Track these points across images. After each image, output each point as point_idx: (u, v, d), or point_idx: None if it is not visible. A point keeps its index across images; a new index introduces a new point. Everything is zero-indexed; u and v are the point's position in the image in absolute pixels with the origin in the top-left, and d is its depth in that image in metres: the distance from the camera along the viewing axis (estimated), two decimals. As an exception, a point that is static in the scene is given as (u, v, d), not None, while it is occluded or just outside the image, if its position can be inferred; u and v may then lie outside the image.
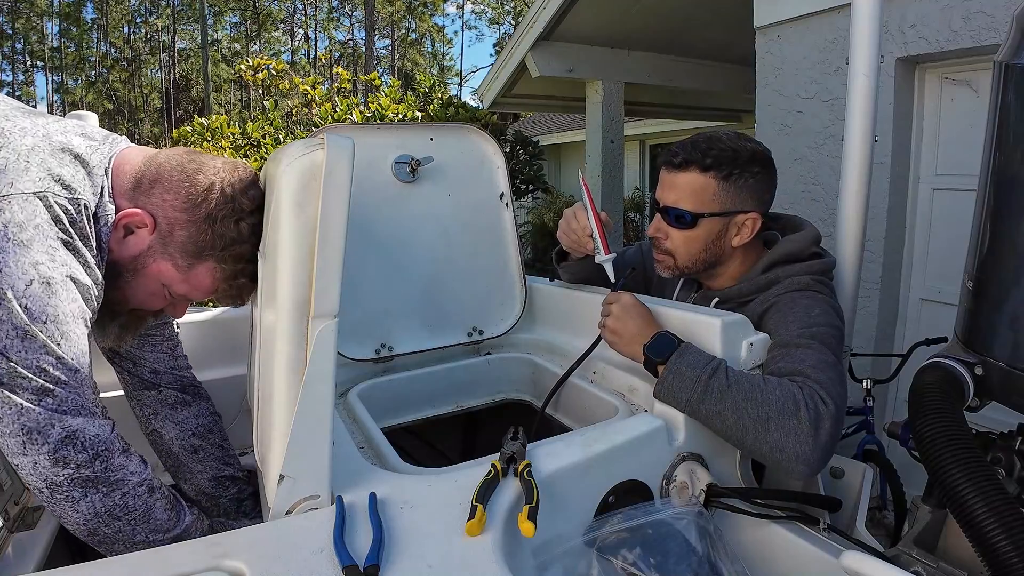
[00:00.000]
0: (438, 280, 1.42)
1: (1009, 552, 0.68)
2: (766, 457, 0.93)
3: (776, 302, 1.13)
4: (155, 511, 0.85)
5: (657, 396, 1.02)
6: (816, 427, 0.90)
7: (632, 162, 10.68)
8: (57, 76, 27.19)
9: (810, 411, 0.90)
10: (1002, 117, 0.87)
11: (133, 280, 0.92)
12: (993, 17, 2.09)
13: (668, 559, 0.82)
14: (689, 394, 0.96)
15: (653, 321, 1.11)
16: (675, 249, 1.23)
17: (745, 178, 1.17)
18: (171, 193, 0.89)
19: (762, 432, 0.91)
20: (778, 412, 0.91)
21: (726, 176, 1.16)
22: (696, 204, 1.18)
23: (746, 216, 1.19)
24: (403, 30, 30.56)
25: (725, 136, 1.19)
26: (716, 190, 1.17)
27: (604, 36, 4.87)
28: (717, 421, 0.95)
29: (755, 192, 1.19)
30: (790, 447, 0.90)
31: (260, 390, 0.88)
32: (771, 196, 1.24)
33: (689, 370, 0.97)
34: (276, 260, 0.77)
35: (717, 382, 0.95)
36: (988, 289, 0.91)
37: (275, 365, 0.78)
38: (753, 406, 0.92)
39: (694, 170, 1.17)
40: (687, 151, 1.18)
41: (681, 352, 1.01)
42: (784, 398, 0.92)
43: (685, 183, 1.18)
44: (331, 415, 0.78)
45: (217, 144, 4.20)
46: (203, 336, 1.35)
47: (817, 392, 0.93)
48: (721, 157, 1.16)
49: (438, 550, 0.71)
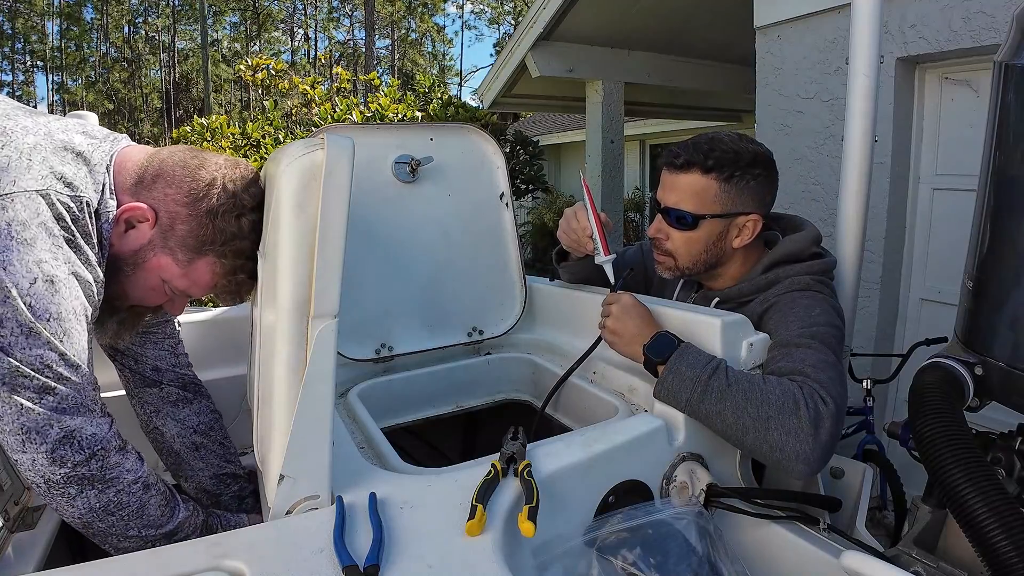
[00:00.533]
0: (438, 280, 1.42)
1: (1009, 552, 0.68)
2: (766, 456, 0.93)
3: (776, 302, 1.13)
4: (149, 507, 0.86)
5: (657, 396, 1.02)
6: (816, 426, 0.90)
7: (632, 162, 10.68)
8: (57, 76, 27.19)
9: (810, 410, 0.90)
10: (1002, 117, 0.87)
11: (133, 275, 0.92)
12: (993, 17, 2.09)
13: (668, 559, 0.82)
14: (689, 394, 0.96)
15: (653, 321, 1.11)
16: (676, 250, 1.23)
17: (747, 180, 1.17)
18: (173, 187, 0.90)
19: (762, 431, 0.91)
20: (778, 411, 0.91)
21: (728, 177, 1.16)
22: (697, 205, 1.18)
23: (747, 218, 1.19)
24: (403, 30, 30.56)
25: (727, 137, 1.19)
26: (717, 191, 1.17)
27: (604, 36, 4.87)
28: (717, 421, 0.95)
29: (756, 194, 1.19)
30: (790, 446, 0.90)
31: (260, 390, 0.89)
32: (772, 198, 1.24)
33: (689, 370, 0.97)
34: (276, 260, 0.77)
35: (717, 382, 0.95)
36: (988, 289, 0.91)
37: (275, 365, 0.78)
38: (753, 406, 0.92)
39: (696, 171, 1.17)
40: (689, 152, 1.17)
41: (681, 352, 1.01)
42: (784, 397, 0.92)
43: (687, 184, 1.18)
44: (331, 415, 0.78)
45: (217, 144, 4.20)
46: (203, 336, 1.35)
47: (817, 391, 0.93)
48: (723, 159, 1.16)
49: (438, 550, 0.71)
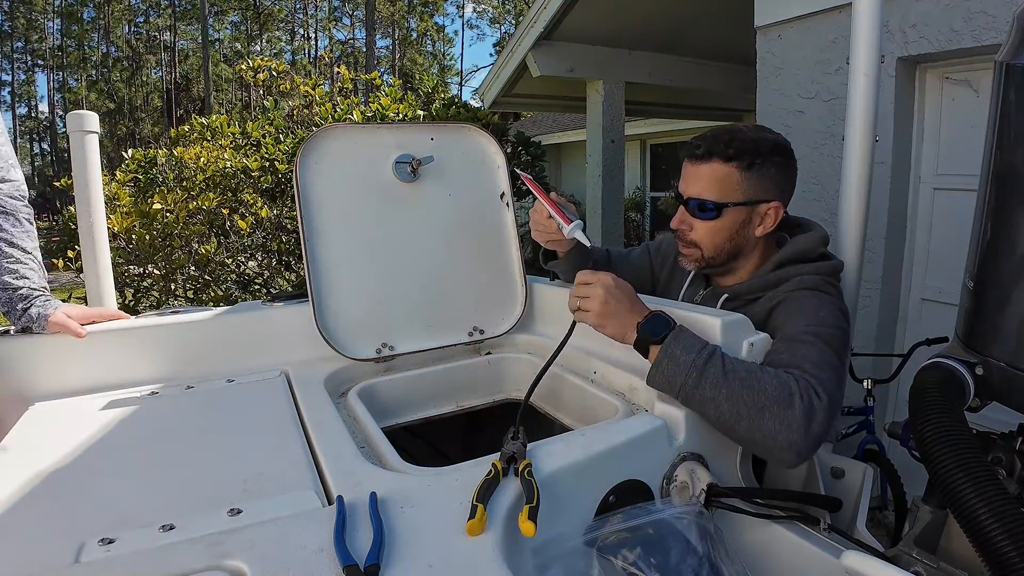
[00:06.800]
0: (439, 280, 1.42)
1: (1010, 553, 0.68)
2: (757, 444, 0.93)
3: (785, 299, 1.14)
4: None
5: (650, 382, 1.00)
6: (809, 418, 0.90)
7: (632, 162, 10.67)
8: (58, 75, 27.19)
9: (804, 402, 0.91)
10: (1003, 117, 0.87)
11: None
12: (994, 17, 2.09)
13: (669, 559, 0.82)
14: (684, 379, 0.95)
15: (640, 300, 1.08)
16: (700, 240, 1.23)
17: (767, 167, 1.18)
18: None
19: (756, 420, 0.91)
20: (774, 401, 0.91)
21: (748, 165, 1.17)
22: (720, 194, 1.18)
23: (768, 205, 1.20)
24: (404, 30, 30.54)
25: (745, 128, 1.21)
26: (739, 179, 1.17)
27: (605, 36, 4.86)
28: (711, 408, 0.94)
29: (777, 181, 1.20)
30: (783, 436, 0.90)
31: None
32: (792, 187, 1.24)
33: (684, 354, 0.96)
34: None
35: (713, 368, 0.94)
36: (989, 289, 0.90)
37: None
38: (749, 394, 0.92)
39: (717, 160, 1.17)
40: (709, 143, 1.18)
41: (676, 334, 0.99)
42: (780, 388, 0.92)
43: (708, 173, 1.19)
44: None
45: (217, 144, 4.19)
46: (204, 336, 1.35)
47: (812, 385, 0.93)
48: (743, 147, 1.16)
49: (438, 550, 0.71)
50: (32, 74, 28.26)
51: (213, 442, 1.02)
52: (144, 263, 3.65)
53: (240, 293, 4.04)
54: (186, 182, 3.98)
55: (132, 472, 0.92)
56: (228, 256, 3.93)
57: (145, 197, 3.87)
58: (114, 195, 3.65)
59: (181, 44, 28.46)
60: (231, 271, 4.02)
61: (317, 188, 1.32)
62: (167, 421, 1.12)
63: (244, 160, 4.00)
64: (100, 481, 0.89)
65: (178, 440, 1.03)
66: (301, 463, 0.92)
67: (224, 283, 3.97)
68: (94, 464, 0.94)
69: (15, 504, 0.82)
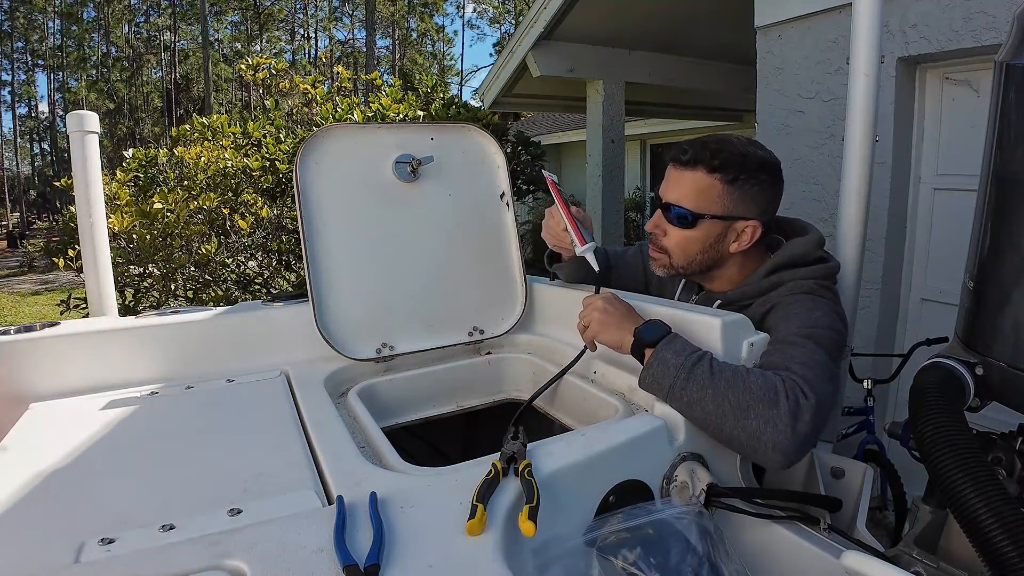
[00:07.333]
0: (439, 280, 1.43)
1: (1010, 553, 0.68)
2: (744, 445, 0.93)
3: (779, 303, 1.13)
4: None
5: (641, 384, 1.02)
6: (795, 417, 0.89)
7: (633, 162, 10.68)
8: (58, 76, 27.19)
9: (790, 401, 0.90)
10: (1003, 117, 0.87)
11: None
12: (994, 17, 2.09)
13: (669, 559, 0.82)
14: (672, 380, 0.96)
15: (635, 312, 1.12)
16: (671, 247, 1.22)
17: (751, 184, 1.16)
18: None
19: (741, 419, 0.91)
20: (758, 400, 0.91)
21: (732, 180, 1.15)
22: (698, 204, 1.17)
23: (747, 223, 1.18)
24: (404, 30, 30.54)
25: (736, 140, 1.19)
26: (721, 192, 1.16)
27: (605, 36, 4.86)
28: (697, 408, 0.95)
29: (759, 200, 1.18)
30: (768, 435, 0.89)
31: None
32: (775, 207, 1.23)
33: (674, 357, 0.98)
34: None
35: (701, 370, 0.95)
36: (989, 289, 0.90)
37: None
38: (734, 394, 0.92)
39: (701, 169, 1.16)
40: (697, 150, 1.17)
41: (670, 339, 1.01)
42: (765, 388, 0.92)
43: (690, 181, 1.17)
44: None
45: (217, 143, 4.19)
46: (204, 336, 1.35)
47: (799, 385, 0.93)
48: (730, 160, 1.15)
49: (438, 550, 0.71)
50: (32, 74, 28.29)
51: (213, 442, 1.02)
52: (144, 263, 3.65)
53: (240, 293, 4.04)
54: (187, 182, 3.98)
55: (132, 472, 0.92)
56: (228, 256, 3.93)
57: (145, 197, 3.87)
58: (114, 194, 3.65)
59: (181, 44, 28.48)
60: (231, 271, 4.02)
61: (317, 188, 1.32)
62: (167, 421, 1.11)
63: (245, 160, 4.00)
64: (100, 481, 0.89)
65: (178, 440, 1.03)
66: (301, 463, 0.92)
67: (224, 283, 3.96)
68: (94, 464, 0.94)
69: (15, 504, 0.81)
